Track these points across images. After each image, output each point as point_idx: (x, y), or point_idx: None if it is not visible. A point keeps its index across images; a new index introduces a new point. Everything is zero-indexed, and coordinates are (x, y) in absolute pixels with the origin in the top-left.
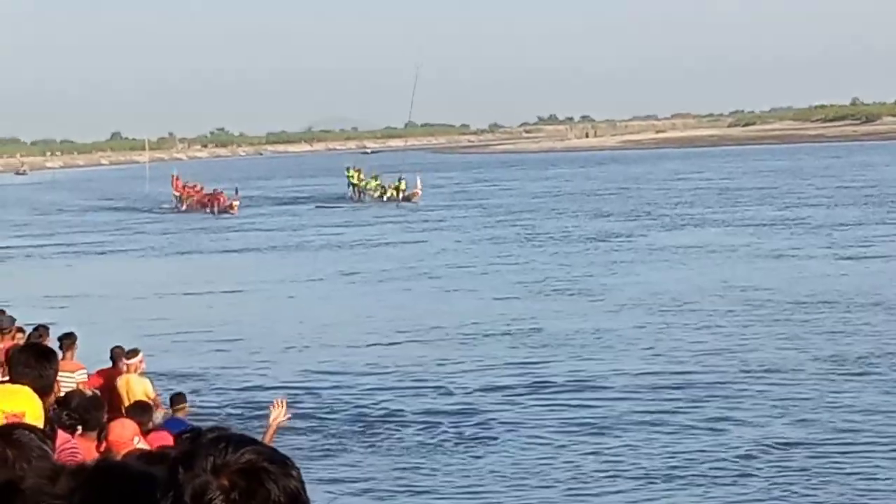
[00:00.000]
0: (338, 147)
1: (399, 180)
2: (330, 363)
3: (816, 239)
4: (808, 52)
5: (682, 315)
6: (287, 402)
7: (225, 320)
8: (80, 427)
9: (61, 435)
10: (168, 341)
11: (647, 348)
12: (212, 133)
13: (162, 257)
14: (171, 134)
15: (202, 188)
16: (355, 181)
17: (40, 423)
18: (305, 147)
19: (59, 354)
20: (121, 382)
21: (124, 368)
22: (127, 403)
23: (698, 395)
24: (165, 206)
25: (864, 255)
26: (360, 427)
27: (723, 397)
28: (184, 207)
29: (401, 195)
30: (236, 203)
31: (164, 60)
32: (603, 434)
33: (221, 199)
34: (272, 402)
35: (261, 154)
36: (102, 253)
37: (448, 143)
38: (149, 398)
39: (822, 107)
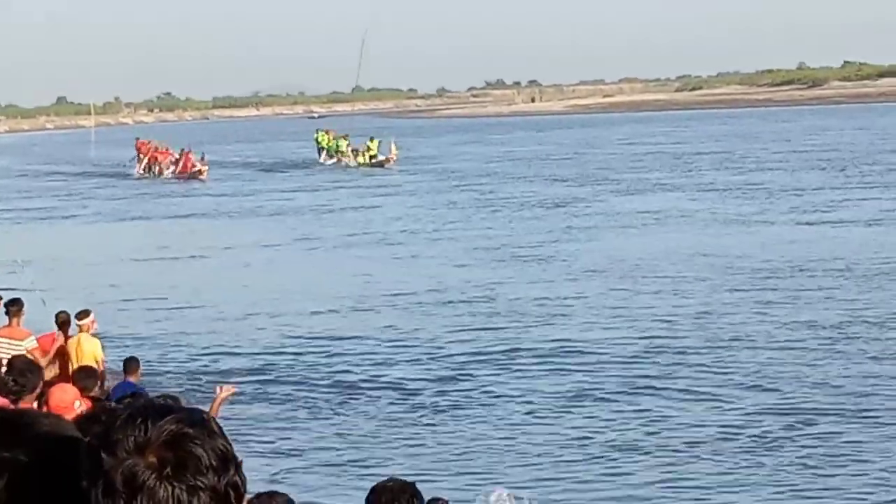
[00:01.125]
0: (285, 112)
1: (371, 140)
2: (289, 329)
3: (779, 204)
4: (754, 17)
5: (648, 282)
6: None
7: (184, 286)
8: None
9: None
10: (126, 307)
11: (615, 315)
12: (158, 98)
13: (115, 223)
14: (117, 98)
15: (169, 150)
16: (325, 144)
17: None
18: (252, 112)
19: (6, 321)
20: (72, 343)
21: (66, 334)
22: (76, 365)
23: (669, 363)
24: (129, 170)
25: (830, 221)
26: (320, 396)
27: (696, 365)
28: (149, 172)
29: (372, 160)
30: (205, 168)
31: (110, 25)
32: (574, 403)
33: (189, 164)
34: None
35: (207, 119)
36: (52, 218)
37: (396, 107)
38: (97, 360)
39: (769, 71)
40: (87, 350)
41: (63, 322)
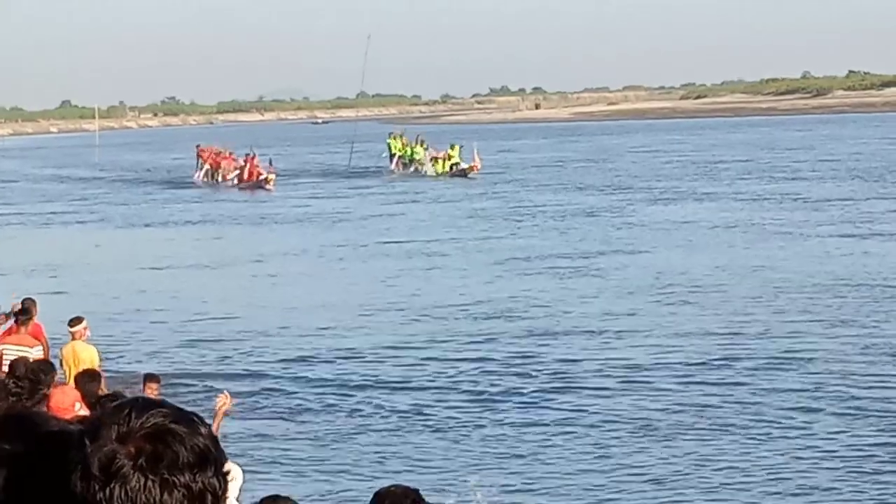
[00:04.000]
0: (289, 117)
1: (451, 147)
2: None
3: (818, 215)
4: (758, 25)
5: (692, 296)
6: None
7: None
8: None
9: None
10: (157, 317)
11: (661, 332)
12: (162, 102)
13: (185, 231)
14: (121, 102)
15: (232, 155)
16: (398, 150)
17: None
18: (256, 117)
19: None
20: (66, 351)
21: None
22: (73, 371)
23: (723, 384)
24: (190, 178)
25: (874, 233)
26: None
27: (749, 385)
28: (211, 178)
29: (453, 168)
30: (272, 177)
31: (114, 29)
32: (621, 431)
33: (255, 171)
34: (219, 394)
35: (212, 123)
36: (130, 227)
37: (399, 113)
38: (95, 366)
39: (774, 80)
40: (85, 357)
41: (19, 311)
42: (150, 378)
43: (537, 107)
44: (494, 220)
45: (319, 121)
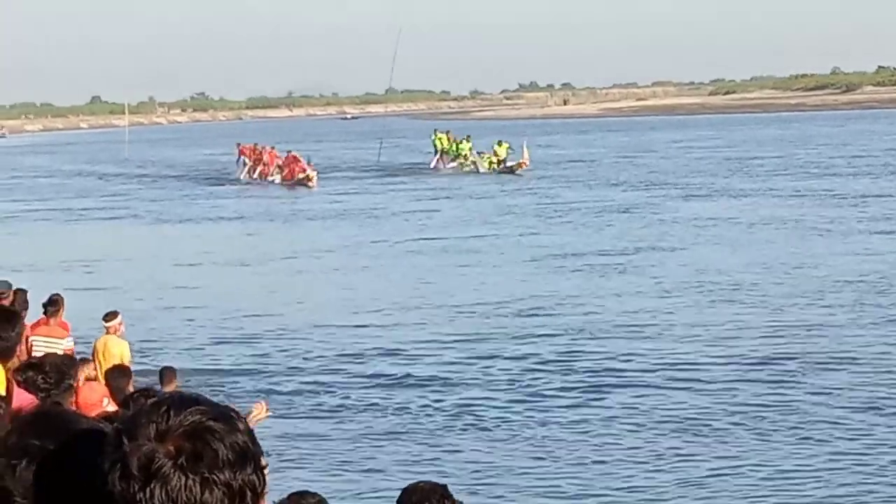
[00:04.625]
0: (318, 113)
1: (499, 144)
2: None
3: (857, 211)
4: (788, 20)
5: (733, 293)
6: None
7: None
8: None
9: (24, 396)
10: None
11: (702, 331)
12: (192, 98)
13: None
14: (150, 98)
15: (275, 152)
16: (445, 147)
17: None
18: (285, 112)
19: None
20: (99, 344)
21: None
22: (103, 366)
23: (770, 383)
24: (234, 176)
25: None
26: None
27: (793, 385)
28: (254, 175)
29: (500, 165)
30: (314, 175)
31: (144, 24)
32: (664, 432)
33: (298, 168)
34: (257, 401)
35: (241, 119)
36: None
37: (428, 109)
38: (125, 362)
39: (803, 76)
40: (115, 352)
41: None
42: (168, 371)
43: (565, 102)
44: (527, 216)
45: (349, 116)
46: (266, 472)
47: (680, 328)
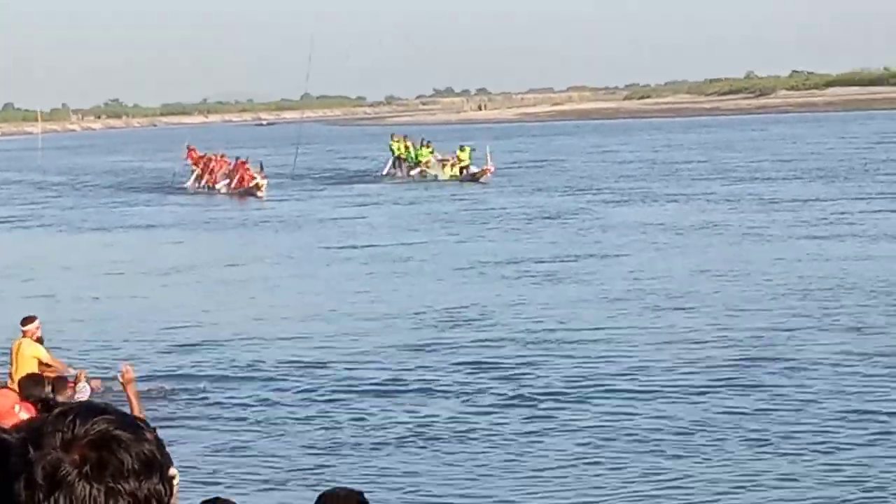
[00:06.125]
0: (233, 119)
1: (461, 149)
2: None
3: (792, 215)
4: (703, 25)
5: (675, 300)
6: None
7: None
8: None
9: None
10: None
11: (647, 338)
12: (106, 104)
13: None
14: (64, 105)
15: (224, 158)
16: (401, 152)
17: None
18: (200, 119)
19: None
20: (14, 346)
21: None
22: (17, 367)
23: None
24: (181, 182)
25: (854, 234)
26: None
27: (750, 392)
28: (202, 184)
29: (462, 172)
30: (263, 183)
31: (57, 30)
32: (610, 445)
33: (247, 176)
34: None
35: (155, 126)
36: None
37: (344, 115)
38: (41, 362)
39: (717, 80)
40: (28, 354)
41: None
42: (59, 381)
43: (480, 108)
44: (456, 223)
45: (264, 123)
46: (175, 482)
47: (625, 335)
